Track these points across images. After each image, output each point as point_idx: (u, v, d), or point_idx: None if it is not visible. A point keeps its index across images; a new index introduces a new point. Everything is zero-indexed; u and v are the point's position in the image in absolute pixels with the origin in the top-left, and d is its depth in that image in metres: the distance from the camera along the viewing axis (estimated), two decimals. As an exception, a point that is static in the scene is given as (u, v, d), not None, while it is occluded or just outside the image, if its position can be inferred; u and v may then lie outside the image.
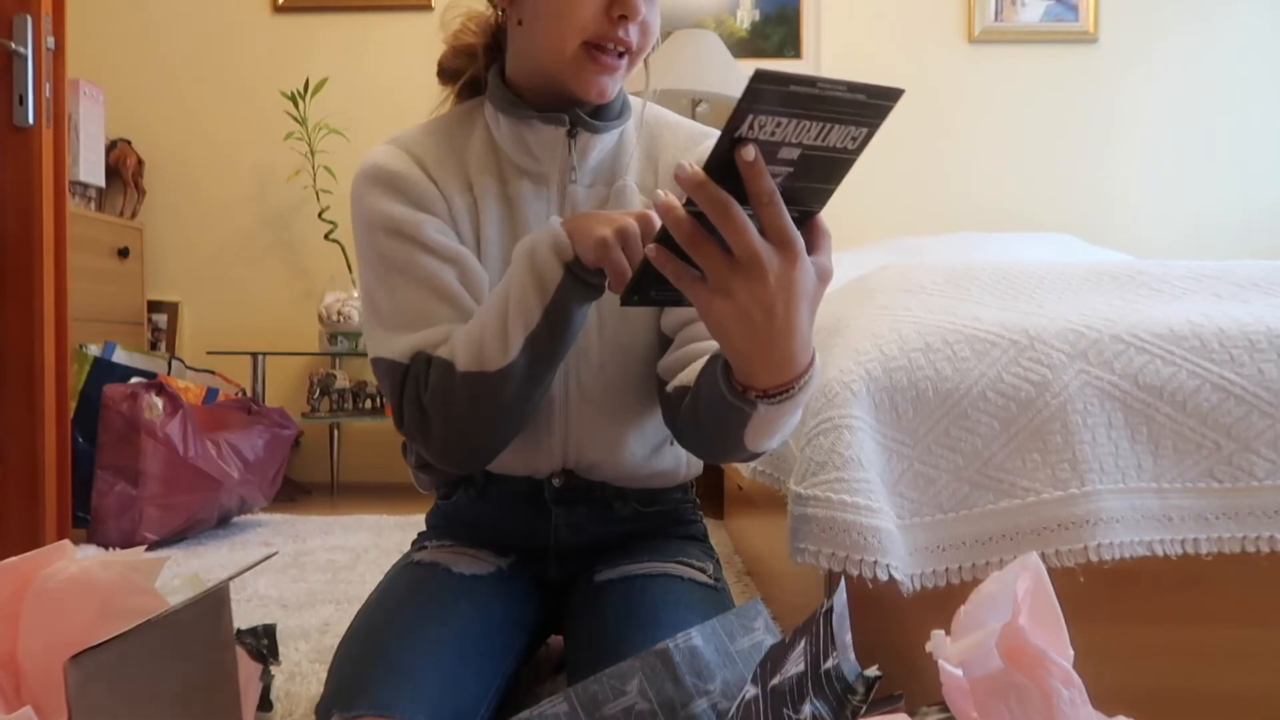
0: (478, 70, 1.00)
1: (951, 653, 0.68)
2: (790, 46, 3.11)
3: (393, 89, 3.06)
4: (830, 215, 0.71)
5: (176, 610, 0.65)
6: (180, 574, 1.51)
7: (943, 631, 0.71)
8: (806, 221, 0.68)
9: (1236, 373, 0.93)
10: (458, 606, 0.91)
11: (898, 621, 0.86)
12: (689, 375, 0.88)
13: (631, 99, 1.03)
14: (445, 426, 0.87)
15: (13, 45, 1.76)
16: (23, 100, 1.77)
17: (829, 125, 0.60)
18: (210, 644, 0.71)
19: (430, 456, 0.91)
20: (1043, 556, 0.84)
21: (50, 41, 1.82)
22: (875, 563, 0.84)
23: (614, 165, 0.98)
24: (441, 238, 0.92)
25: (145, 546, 1.80)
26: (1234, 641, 0.93)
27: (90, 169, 2.81)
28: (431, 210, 0.93)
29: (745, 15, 3.11)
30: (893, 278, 1.08)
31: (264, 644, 1.07)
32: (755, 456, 0.84)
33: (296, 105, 2.93)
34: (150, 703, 0.63)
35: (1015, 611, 0.65)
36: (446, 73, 1.03)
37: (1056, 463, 0.91)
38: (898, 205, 3.11)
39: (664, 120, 1.03)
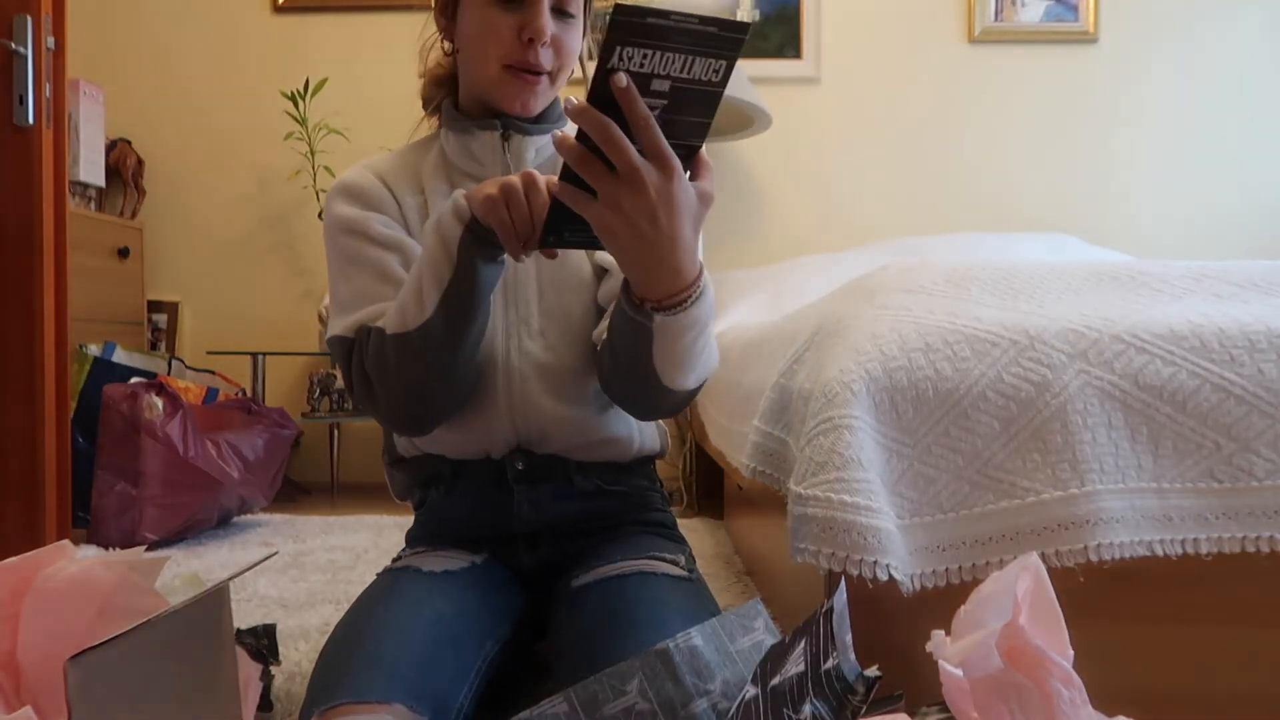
0: (451, 89, 1.13)
1: (951, 653, 0.68)
2: (790, 46, 3.11)
3: (393, 89, 3.05)
4: (830, 215, 0.74)
5: (176, 610, 0.65)
6: (180, 574, 1.51)
7: (943, 631, 0.71)
8: (692, 155, 0.78)
9: (1236, 373, 0.93)
10: (431, 599, 0.95)
11: (898, 621, 0.86)
12: (605, 325, 0.97)
13: None
14: (384, 390, 0.96)
15: (13, 45, 1.76)
16: (23, 100, 1.77)
17: (690, 57, 0.68)
18: (210, 644, 0.71)
19: (382, 422, 1.02)
20: (1043, 556, 0.84)
21: (50, 41, 1.82)
22: (875, 563, 0.84)
23: (555, 163, 1.05)
24: (386, 230, 1.04)
25: (145, 546, 1.80)
26: (1234, 641, 0.93)
27: (90, 169, 2.81)
28: (380, 209, 1.06)
29: (745, 15, 3.11)
30: (893, 278, 1.08)
31: (264, 644, 1.07)
32: (678, 401, 0.94)
33: (296, 105, 2.93)
34: (150, 703, 0.63)
35: (1015, 611, 0.65)
36: (426, 102, 1.16)
37: (1057, 463, 0.91)
38: (898, 205, 3.11)
39: None
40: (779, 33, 3.12)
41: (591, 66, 1.09)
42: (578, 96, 0.74)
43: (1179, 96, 3.11)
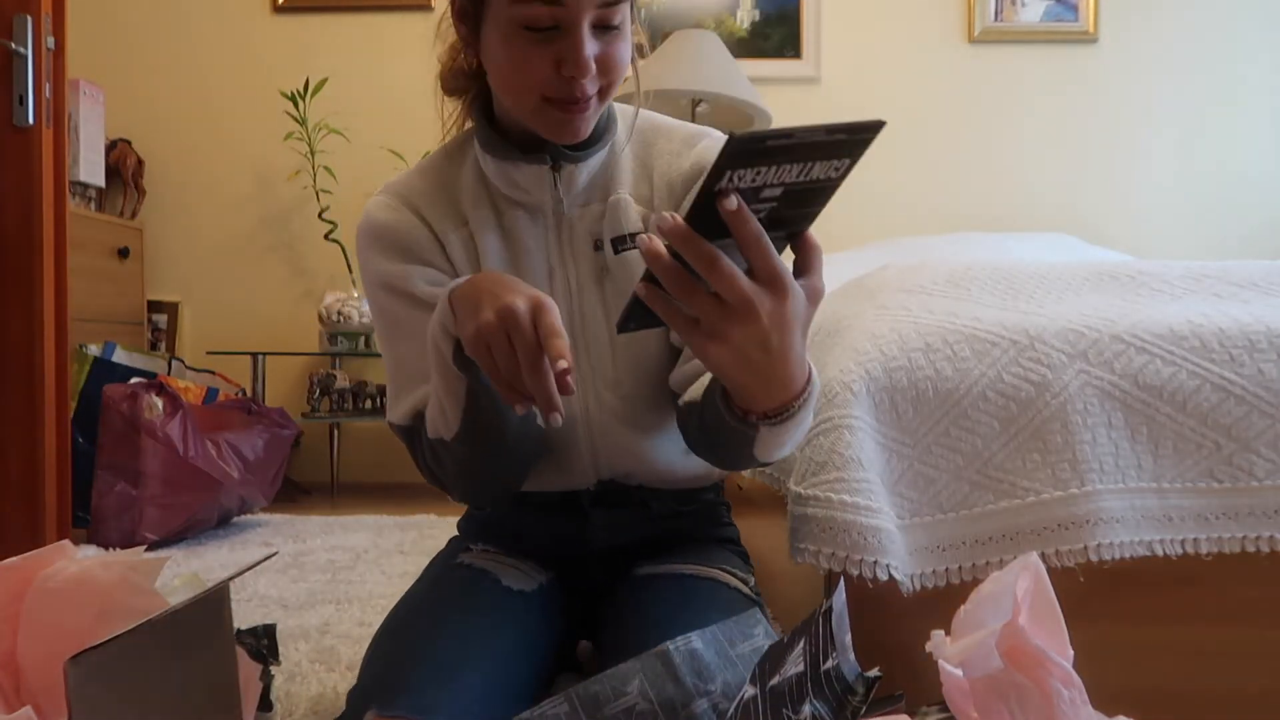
0: (481, 89, 0.97)
1: (951, 653, 0.68)
2: (790, 46, 3.11)
3: (393, 89, 3.05)
4: (829, 216, 0.71)
5: (176, 610, 0.65)
6: (180, 574, 1.51)
7: (943, 631, 0.71)
8: (796, 239, 0.68)
9: (1236, 373, 0.93)
10: (506, 621, 0.90)
11: (898, 621, 0.86)
12: (696, 391, 0.88)
13: (619, 108, 1.00)
14: (449, 481, 0.90)
15: (13, 45, 1.76)
16: (23, 100, 1.77)
17: (810, 164, 0.59)
18: (210, 644, 0.71)
19: (459, 502, 0.96)
20: (1043, 556, 0.84)
21: (50, 41, 1.82)
22: (875, 563, 0.84)
23: (607, 181, 0.96)
24: (431, 288, 0.91)
25: (145, 546, 1.80)
26: (1234, 641, 0.93)
27: (90, 169, 2.81)
28: (422, 258, 0.93)
29: (745, 15, 3.11)
30: (893, 278, 1.08)
31: (264, 644, 1.07)
32: (771, 463, 0.83)
33: (296, 105, 2.93)
34: (150, 703, 0.63)
35: (1015, 611, 0.65)
36: (449, 89, 1.00)
37: (1056, 463, 0.91)
38: (898, 205, 3.11)
39: (657, 126, 1.01)
40: (779, 33, 3.11)
41: (644, 68, 0.95)
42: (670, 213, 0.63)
43: (1179, 96, 3.11)
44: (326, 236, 2.97)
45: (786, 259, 0.67)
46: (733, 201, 0.59)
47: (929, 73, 3.12)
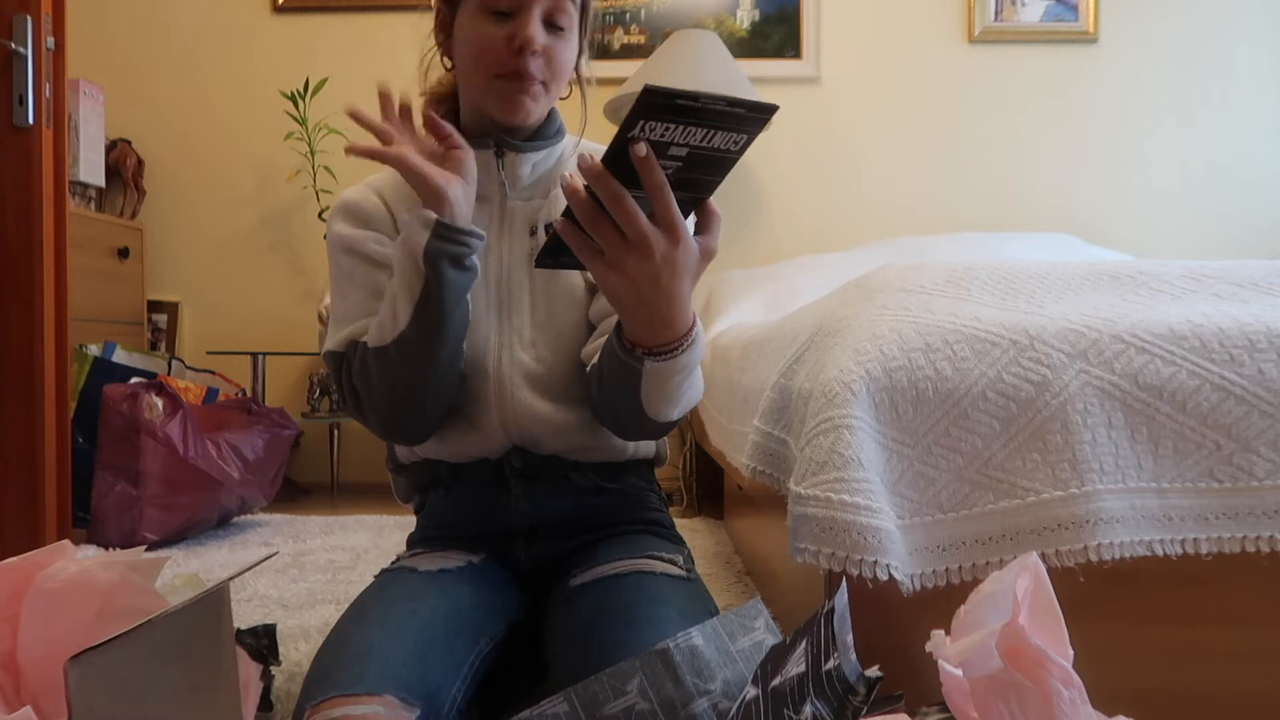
0: (452, 105, 1.13)
1: (951, 653, 0.68)
2: (790, 46, 3.11)
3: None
4: (829, 215, 0.74)
5: (176, 610, 0.65)
6: (180, 574, 1.51)
7: (943, 631, 0.71)
8: (700, 204, 0.79)
9: (1236, 373, 0.93)
10: (424, 596, 0.96)
11: (898, 621, 0.86)
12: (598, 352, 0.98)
13: (569, 136, 1.15)
14: (370, 402, 0.99)
15: (13, 45, 1.76)
16: (23, 100, 1.77)
17: (713, 131, 0.69)
18: (210, 644, 0.71)
19: (373, 431, 1.04)
20: (1043, 556, 0.84)
21: (50, 41, 1.82)
22: (875, 563, 0.84)
23: (550, 182, 1.10)
24: (380, 249, 1.06)
25: (145, 546, 1.80)
26: (1234, 641, 0.93)
27: (90, 169, 2.81)
28: (377, 228, 1.08)
29: (745, 15, 3.11)
30: (893, 278, 1.08)
31: (264, 644, 1.07)
32: (662, 428, 0.97)
33: (296, 105, 2.93)
34: (150, 703, 0.63)
35: (1015, 611, 0.65)
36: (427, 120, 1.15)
37: (1056, 463, 0.91)
38: (898, 205, 3.11)
39: (597, 151, 1.11)
40: (779, 33, 3.11)
41: (591, 88, 1.13)
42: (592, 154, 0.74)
43: (1179, 96, 3.11)
44: (326, 236, 2.97)
45: (693, 226, 0.80)
46: (642, 149, 0.68)
47: (929, 73, 3.12)
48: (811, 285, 2.42)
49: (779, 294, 2.46)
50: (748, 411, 1.24)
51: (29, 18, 1.77)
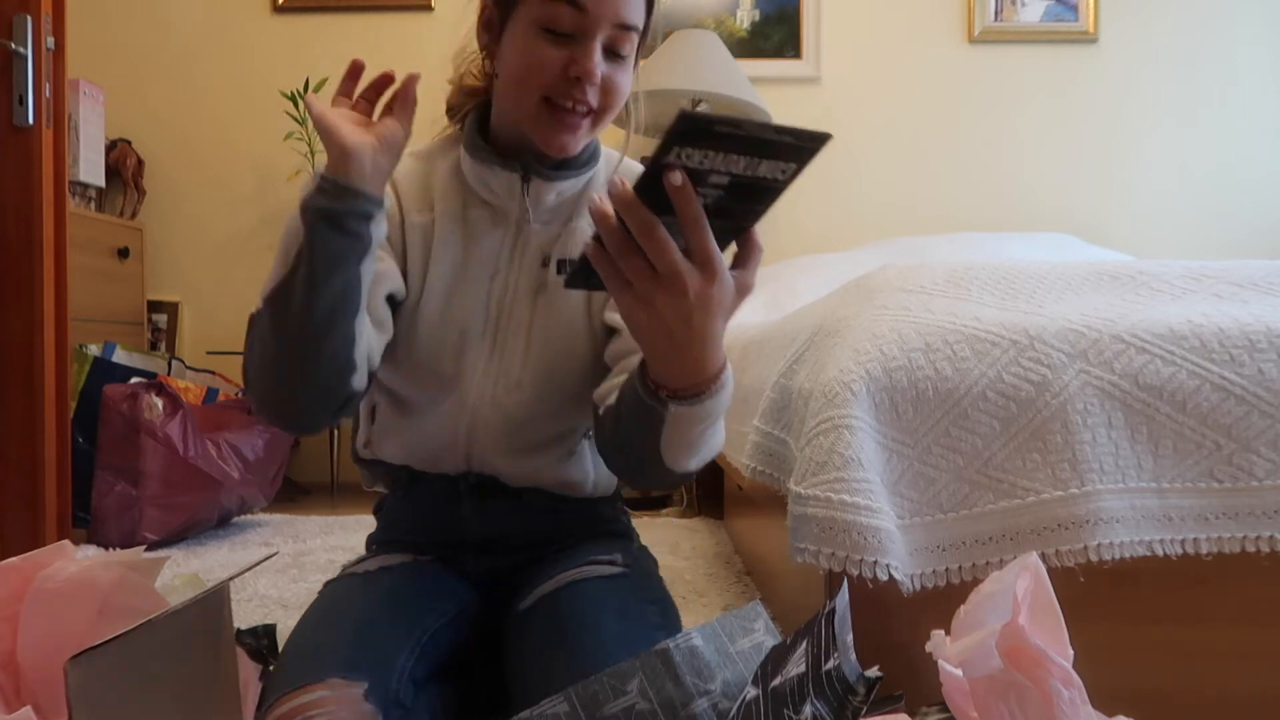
0: (480, 103, 1.05)
1: (951, 653, 0.68)
2: (790, 46, 3.11)
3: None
4: (830, 215, 0.72)
5: (176, 610, 0.65)
6: (180, 574, 1.51)
7: (943, 631, 0.71)
8: (741, 235, 0.71)
9: (1236, 373, 0.93)
10: (364, 591, 0.96)
11: (898, 621, 0.86)
12: (614, 394, 0.92)
13: (606, 152, 1.07)
14: (255, 367, 0.89)
15: (13, 45, 1.76)
16: (23, 100, 1.77)
17: (757, 160, 0.62)
18: (210, 644, 0.71)
19: (259, 406, 0.93)
20: (1043, 556, 0.84)
21: (50, 41, 1.82)
22: (875, 563, 0.84)
23: (573, 209, 1.03)
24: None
25: (145, 546, 1.80)
26: (1234, 641, 0.93)
27: (90, 169, 2.81)
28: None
29: (745, 15, 3.11)
30: (893, 278, 1.08)
31: (264, 644, 1.07)
32: (676, 479, 0.88)
33: (296, 105, 2.93)
34: (150, 703, 0.63)
35: (1015, 611, 0.65)
36: (452, 110, 1.09)
37: (1056, 463, 0.91)
38: (898, 205, 3.11)
39: (635, 173, 1.03)
40: (779, 33, 3.11)
41: (637, 109, 1.04)
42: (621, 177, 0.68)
43: (1179, 96, 3.11)
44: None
45: (731, 255, 0.71)
46: (677, 177, 0.62)
47: (929, 73, 3.12)
48: (811, 285, 2.42)
49: (779, 294, 2.46)
50: (748, 411, 1.24)
51: (29, 18, 1.77)
